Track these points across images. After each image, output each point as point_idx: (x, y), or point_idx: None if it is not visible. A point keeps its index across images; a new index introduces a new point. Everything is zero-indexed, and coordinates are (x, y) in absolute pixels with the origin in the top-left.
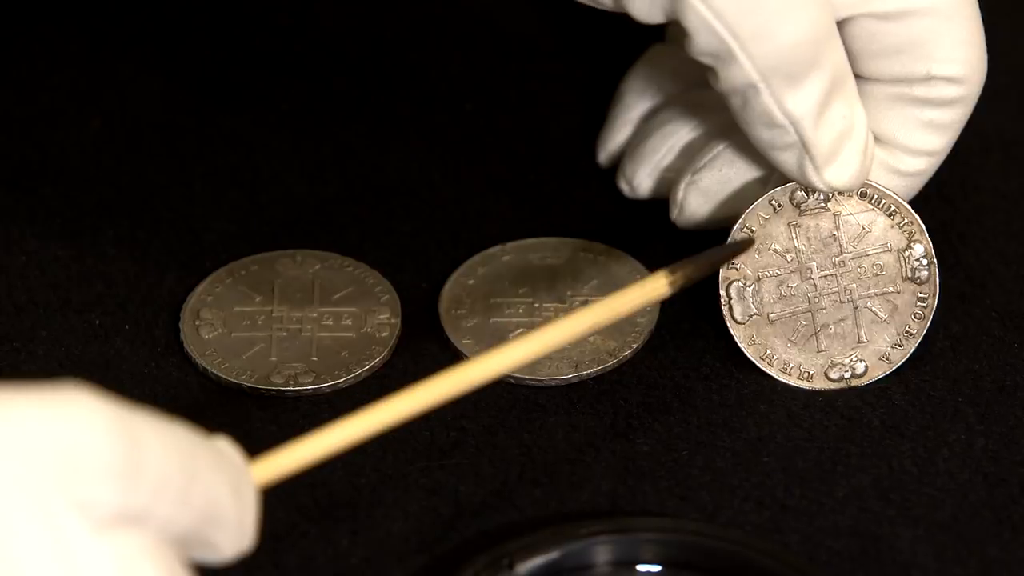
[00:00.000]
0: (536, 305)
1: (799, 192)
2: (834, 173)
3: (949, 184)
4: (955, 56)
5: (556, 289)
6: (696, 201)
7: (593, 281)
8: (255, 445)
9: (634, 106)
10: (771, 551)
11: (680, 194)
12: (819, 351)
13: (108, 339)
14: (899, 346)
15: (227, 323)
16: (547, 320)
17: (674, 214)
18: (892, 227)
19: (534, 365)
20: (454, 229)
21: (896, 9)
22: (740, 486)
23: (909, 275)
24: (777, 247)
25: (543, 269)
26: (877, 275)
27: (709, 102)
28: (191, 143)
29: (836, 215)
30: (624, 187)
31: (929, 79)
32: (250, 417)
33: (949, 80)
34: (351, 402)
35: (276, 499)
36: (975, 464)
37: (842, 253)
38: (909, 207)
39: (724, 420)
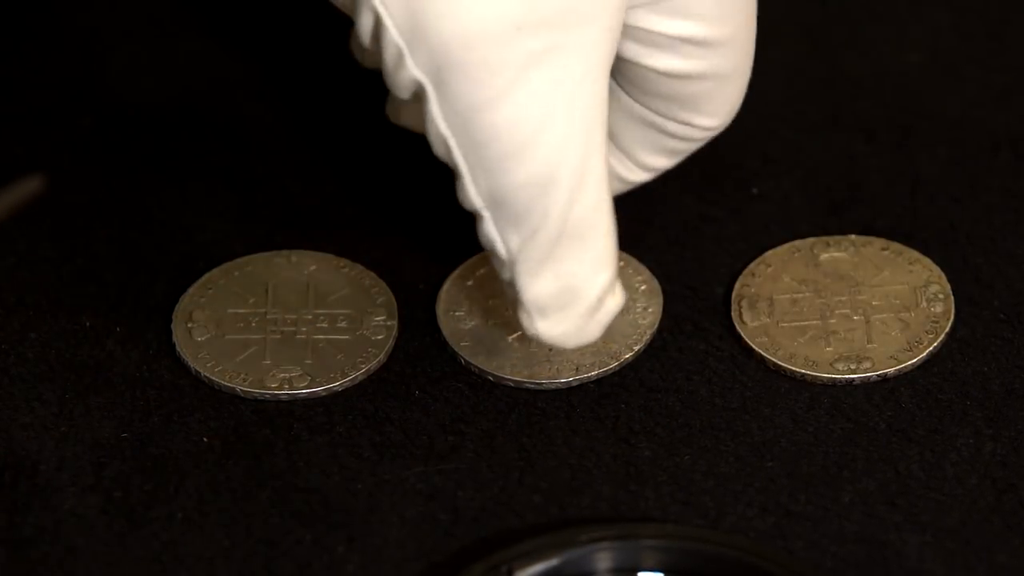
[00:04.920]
0: None
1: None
2: (545, 326)
3: (957, 183)
4: (720, 111)
5: None
6: None
7: None
8: (250, 450)
9: None
10: (775, 557)
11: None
12: (827, 349)
13: (99, 341)
14: (909, 351)
15: (220, 325)
16: None
17: None
18: (911, 271)
19: (533, 368)
20: (452, 229)
21: (681, 71)
22: (744, 491)
23: (925, 304)
24: (793, 278)
25: None
26: (893, 300)
27: None
28: (184, 142)
29: (855, 256)
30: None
31: (688, 124)
32: (244, 421)
33: (705, 128)
34: (346, 406)
35: (270, 504)
36: (983, 469)
37: (858, 286)
38: (931, 261)
39: (727, 423)
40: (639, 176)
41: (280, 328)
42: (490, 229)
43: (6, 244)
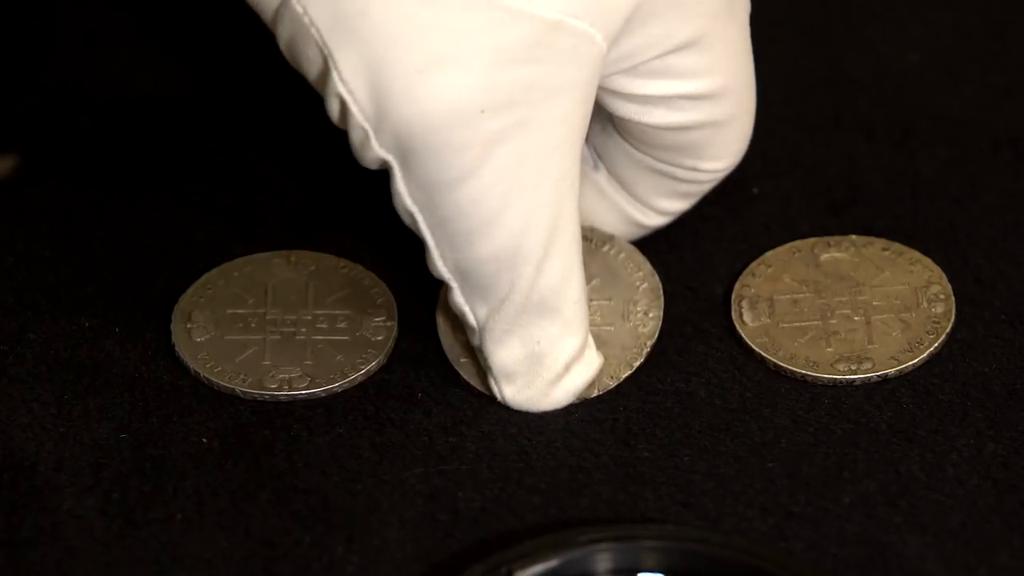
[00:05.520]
0: None
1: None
2: (511, 392)
3: (957, 183)
4: (724, 154)
5: None
6: None
7: (595, 280)
8: (249, 451)
9: None
10: (776, 559)
11: None
12: (827, 349)
13: (98, 342)
14: (910, 352)
15: (219, 326)
16: None
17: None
18: (912, 272)
19: None
20: None
21: (676, 124)
22: (744, 492)
23: (926, 305)
24: (793, 278)
25: None
26: (894, 300)
27: None
28: (182, 141)
29: (856, 256)
30: None
31: (695, 170)
32: (243, 422)
33: (712, 171)
34: (346, 406)
35: (269, 505)
36: (984, 470)
37: (859, 286)
38: (932, 261)
39: (727, 424)
40: (656, 220)
41: (279, 329)
42: (458, 299)
43: (4, 244)
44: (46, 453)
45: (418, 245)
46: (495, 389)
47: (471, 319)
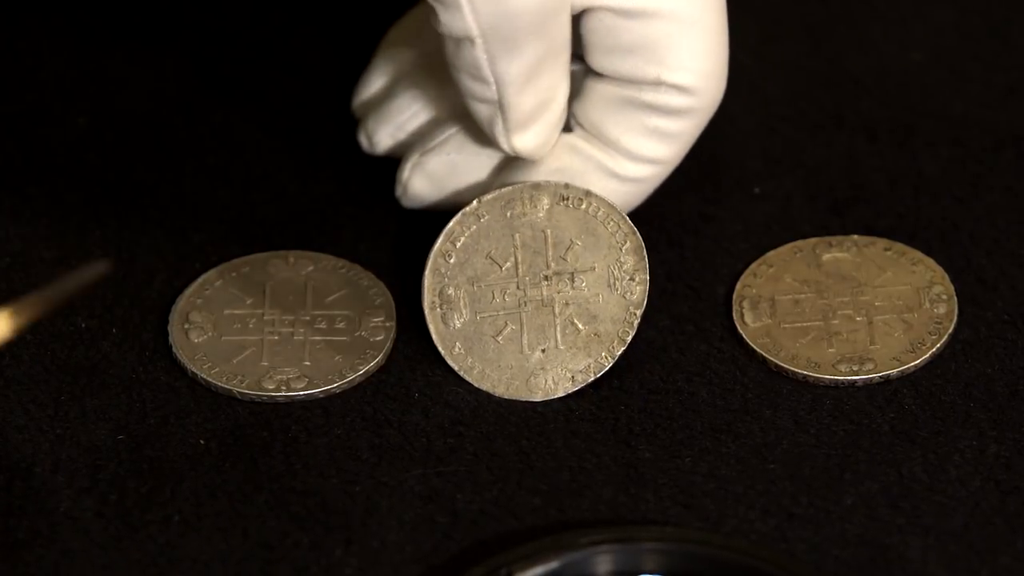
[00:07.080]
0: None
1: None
2: (522, 140)
3: (960, 183)
4: (688, 65)
5: (540, 260)
6: (420, 183)
7: (577, 244)
8: (246, 452)
9: (395, 57)
10: (777, 560)
11: (405, 174)
12: (829, 350)
13: (95, 343)
14: (912, 352)
15: (217, 326)
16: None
17: (398, 192)
18: (914, 272)
19: (530, 384)
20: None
21: (636, 7)
22: (745, 494)
23: (928, 305)
24: (795, 279)
25: None
26: (896, 301)
27: None
28: (180, 141)
29: (857, 256)
30: (363, 142)
31: (659, 84)
32: (241, 423)
33: (679, 89)
34: (345, 407)
35: (267, 507)
36: (987, 471)
37: (861, 286)
38: (934, 261)
39: (728, 425)
40: (634, 170)
41: (278, 329)
42: (479, 54)
43: (1, 244)
44: (43, 455)
45: (418, 246)
46: (503, 140)
47: (487, 73)
